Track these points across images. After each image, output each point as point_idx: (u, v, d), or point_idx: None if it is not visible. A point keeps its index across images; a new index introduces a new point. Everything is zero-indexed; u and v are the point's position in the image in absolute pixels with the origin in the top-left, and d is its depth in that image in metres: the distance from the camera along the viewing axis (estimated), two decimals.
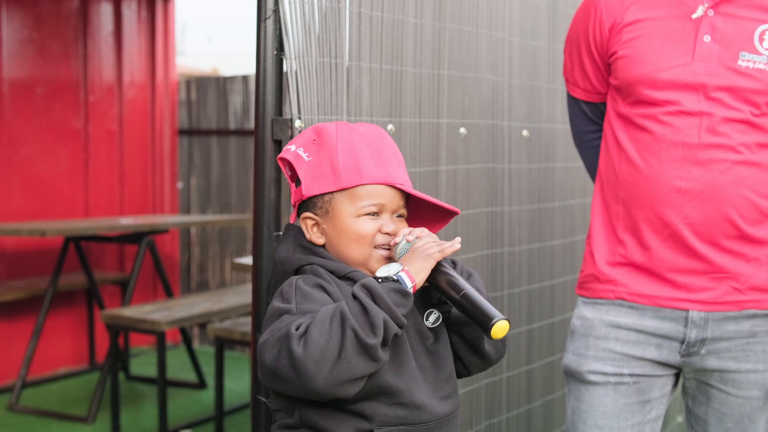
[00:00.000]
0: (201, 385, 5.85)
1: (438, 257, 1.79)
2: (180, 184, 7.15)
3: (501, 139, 2.98)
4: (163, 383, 4.74)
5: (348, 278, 1.87)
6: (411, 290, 1.75)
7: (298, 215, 1.95)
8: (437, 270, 1.82)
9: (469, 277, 1.93)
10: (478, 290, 1.83)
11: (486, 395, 2.96)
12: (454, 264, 1.93)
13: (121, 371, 5.76)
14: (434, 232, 1.96)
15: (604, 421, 2.42)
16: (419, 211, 2.00)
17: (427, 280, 1.82)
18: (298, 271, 1.91)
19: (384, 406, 1.80)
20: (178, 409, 5.37)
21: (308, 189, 1.89)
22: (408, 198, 1.94)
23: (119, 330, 5.02)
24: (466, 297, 1.78)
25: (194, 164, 7.15)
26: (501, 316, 1.75)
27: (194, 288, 7.18)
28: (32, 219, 6.04)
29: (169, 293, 6.00)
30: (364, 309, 1.69)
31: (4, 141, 5.94)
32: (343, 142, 1.88)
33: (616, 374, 2.40)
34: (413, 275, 1.76)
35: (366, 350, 1.67)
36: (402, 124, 2.55)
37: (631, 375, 2.40)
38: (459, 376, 2.03)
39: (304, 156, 1.91)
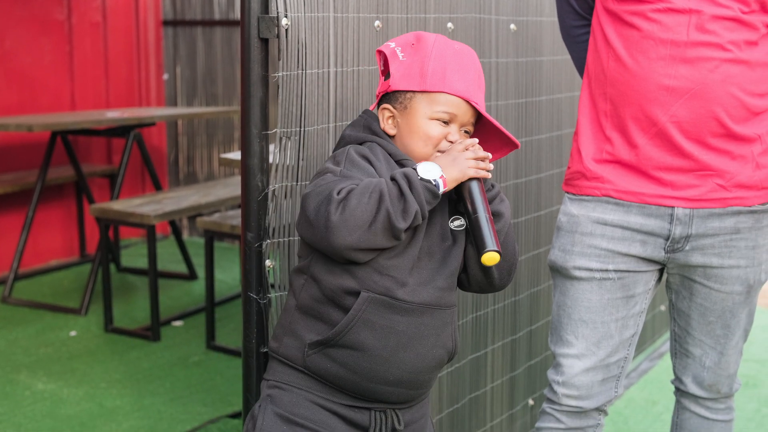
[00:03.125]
0: (191, 276, 5.91)
1: (472, 174, 1.98)
2: (166, 76, 7.09)
3: (488, 33, 2.96)
4: (154, 276, 4.79)
5: (400, 164, 2.03)
6: (441, 194, 1.95)
7: (378, 105, 2.11)
8: (467, 185, 1.99)
9: (502, 202, 2.10)
10: (500, 216, 2.06)
11: None
12: (492, 187, 2.09)
13: (111, 263, 5.81)
14: (497, 158, 2.15)
15: (589, 315, 2.47)
16: (484, 136, 2.13)
17: (456, 190, 2.01)
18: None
19: (375, 274, 1.96)
20: (169, 300, 5.44)
21: (395, 83, 2.06)
22: (478, 119, 2.09)
23: (109, 223, 5.04)
24: (474, 220, 1.97)
25: (179, 55, 7.08)
26: (492, 247, 1.94)
27: (182, 180, 7.18)
28: (18, 113, 6.00)
29: (157, 186, 6.02)
30: (402, 195, 1.89)
31: None
32: (438, 51, 2.05)
33: (601, 270, 2.44)
34: (448, 182, 1.96)
35: (393, 230, 1.89)
36: (389, 19, 2.53)
37: (616, 271, 2.43)
38: (459, 286, 2.15)
39: (400, 55, 2.07)
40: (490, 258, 1.95)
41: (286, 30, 2.21)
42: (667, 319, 4.69)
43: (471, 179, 1.99)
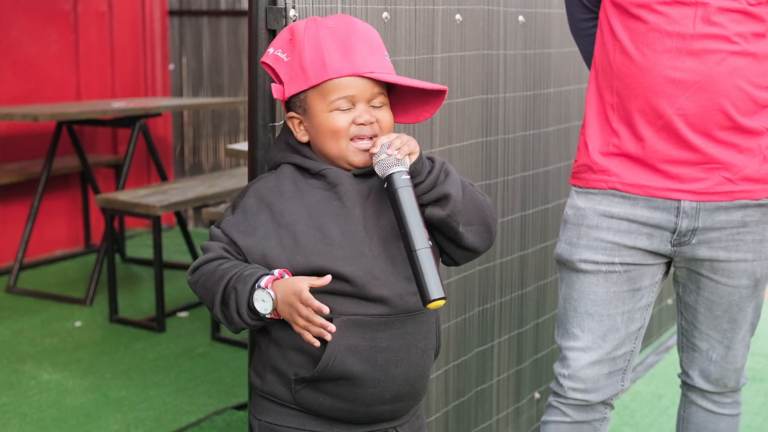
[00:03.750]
0: None
1: (301, 329, 1.82)
2: (171, 66, 7.08)
3: (497, 25, 2.95)
4: (159, 266, 4.79)
5: (321, 175, 1.89)
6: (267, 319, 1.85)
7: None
8: (402, 214, 1.79)
9: (446, 177, 1.89)
10: (447, 198, 1.85)
11: (479, 281, 3.00)
12: (432, 161, 1.90)
13: (116, 253, 5.81)
14: (428, 117, 1.98)
15: (595, 308, 2.46)
16: (407, 97, 1.97)
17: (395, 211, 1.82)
18: (274, 167, 1.97)
19: (346, 299, 1.84)
20: (174, 291, 5.43)
21: (288, 89, 1.90)
22: (391, 86, 1.93)
23: (114, 214, 5.04)
24: (413, 260, 1.78)
25: (185, 46, 7.07)
26: (434, 297, 1.75)
27: (188, 171, 7.18)
28: (23, 103, 6.00)
29: (163, 176, 6.01)
30: (227, 312, 1.86)
31: None
32: (309, 39, 1.87)
33: (607, 263, 2.43)
34: (280, 314, 1.82)
35: (230, 324, 1.89)
36: (397, 11, 2.52)
37: (622, 264, 2.42)
38: (448, 265, 2.04)
39: (283, 57, 1.91)
40: (435, 305, 1.76)
41: (294, 20, 2.20)
42: (673, 312, 4.68)
43: (401, 191, 1.79)
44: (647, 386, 4.13)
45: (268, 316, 1.81)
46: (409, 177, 1.82)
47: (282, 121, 2.23)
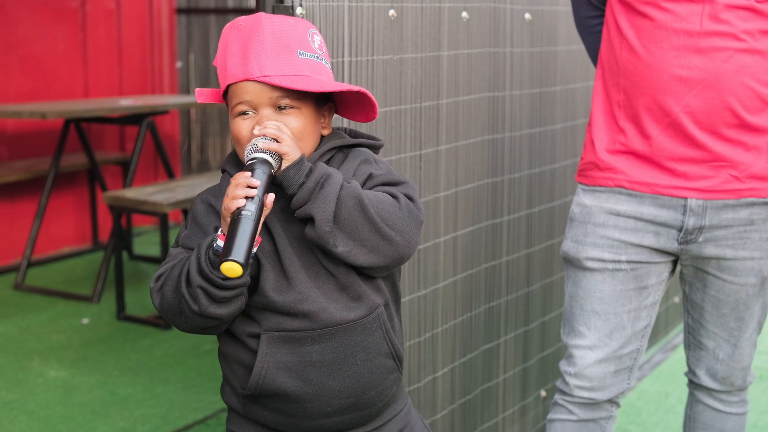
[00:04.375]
0: None
1: (231, 207, 1.64)
2: (179, 64, 7.09)
3: (503, 22, 2.94)
4: None
5: None
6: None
7: None
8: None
9: (320, 191, 1.71)
10: (313, 221, 1.71)
11: (485, 279, 3.00)
12: (309, 173, 1.72)
13: (124, 251, 5.82)
14: (373, 110, 1.84)
15: (601, 306, 2.46)
16: (352, 96, 1.85)
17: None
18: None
19: (272, 314, 1.77)
20: None
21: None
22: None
23: (122, 211, 5.05)
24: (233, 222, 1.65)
25: (193, 43, 7.08)
26: (230, 258, 1.60)
27: (195, 168, 7.19)
28: (31, 100, 6.01)
29: (170, 174, 6.02)
30: (188, 279, 1.71)
31: (1, 21, 5.86)
32: (222, 41, 1.80)
33: (613, 261, 2.43)
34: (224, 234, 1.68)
35: (197, 314, 1.72)
36: (403, 9, 2.52)
37: (628, 262, 2.42)
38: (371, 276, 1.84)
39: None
40: (228, 269, 1.61)
41: (302, 17, 2.20)
42: (680, 310, 4.67)
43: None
44: (654, 384, 4.13)
45: (218, 240, 1.68)
46: (267, 165, 1.69)
47: None
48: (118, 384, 4.09)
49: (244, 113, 1.76)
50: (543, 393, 3.46)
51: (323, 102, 1.84)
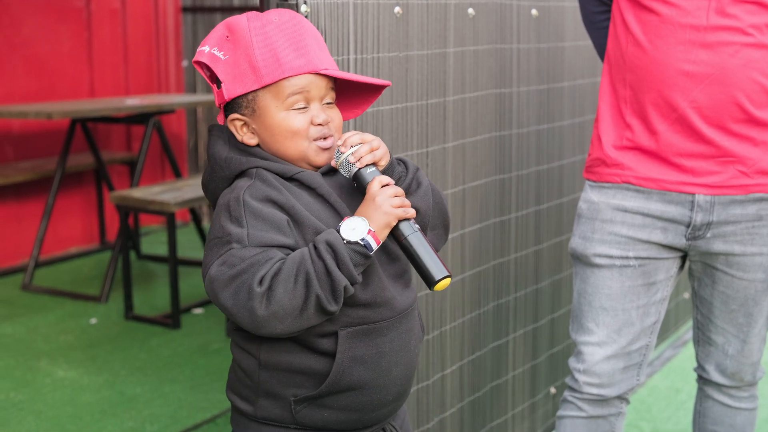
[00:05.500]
0: None
1: (401, 216, 1.71)
2: (185, 63, 7.08)
3: (509, 18, 2.93)
4: (174, 263, 4.79)
5: (295, 179, 1.78)
6: (372, 253, 1.70)
7: (226, 116, 1.84)
8: (398, 231, 1.74)
9: (417, 188, 1.84)
10: (418, 211, 1.80)
11: (494, 276, 2.99)
12: (405, 167, 1.85)
13: (131, 250, 5.82)
14: (365, 108, 1.92)
15: (609, 303, 2.45)
16: (347, 92, 1.90)
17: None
18: (240, 175, 1.80)
19: (351, 309, 1.76)
20: (189, 287, 5.44)
21: (230, 91, 1.78)
22: (335, 81, 1.84)
23: (129, 211, 5.05)
24: (412, 258, 1.73)
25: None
26: (443, 274, 1.70)
27: (202, 167, 7.18)
28: (37, 100, 6.01)
29: (177, 173, 6.01)
30: (329, 274, 1.64)
31: (5, 21, 5.86)
32: (258, 35, 1.76)
33: (621, 257, 2.42)
34: (378, 236, 1.70)
35: (326, 313, 1.68)
36: (409, 5, 2.51)
37: (636, 258, 2.41)
38: None
39: (220, 55, 1.79)
40: (443, 285, 1.72)
41: (307, 15, 2.19)
42: (689, 306, 4.66)
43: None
44: (664, 381, 4.11)
45: (367, 237, 1.68)
46: (375, 169, 1.76)
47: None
48: (127, 384, 4.08)
49: (298, 107, 1.77)
50: (552, 390, 3.45)
51: None
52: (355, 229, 1.68)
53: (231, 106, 1.81)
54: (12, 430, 3.65)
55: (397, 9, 2.46)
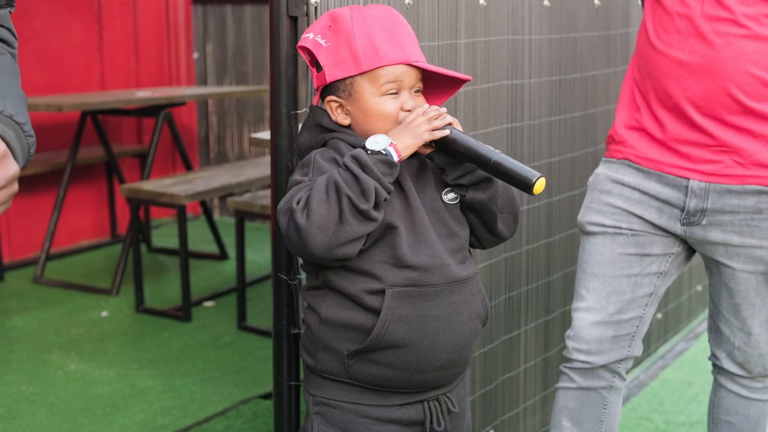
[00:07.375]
0: (222, 256, 5.90)
1: (427, 138, 1.91)
2: (196, 55, 7.07)
3: (521, 9, 2.91)
4: (185, 256, 4.79)
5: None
6: (397, 162, 1.88)
7: (322, 98, 2.03)
8: (452, 145, 1.93)
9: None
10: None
11: (505, 269, 2.98)
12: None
13: (142, 243, 5.81)
14: (446, 99, 2.10)
15: (600, 269, 2.49)
16: (431, 82, 2.07)
17: (452, 156, 1.96)
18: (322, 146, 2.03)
19: (392, 267, 1.93)
20: (200, 280, 5.44)
21: (330, 74, 1.97)
22: (422, 73, 2.02)
23: (140, 203, 5.04)
24: (498, 166, 1.90)
25: (209, 34, 7.05)
26: (535, 177, 1.89)
27: (213, 160, 7.17)
28: (47, 93, 6.01)
29: (188, 166, 6.00)
30: (356, 178, 1.83)
31: (16, 14, 5.85)
32: (359, 27, 1.95)
33: (614, 227, 2.48)
34: (401, 150, 1.89)
35: (361, 213, 1.83)
36: None
37: (629, 229, 2.47)
38: (473, 247, 2.12)
39: (322, 42, 1.98)
40: (540, 186, 1.89)
41: (316, 8, 2.18)
42: (702, 299, 4.64)
43: (450, 134, 1.92)
44: (677, 373, 4.09)
45: (389, 148, 1.87)
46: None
47: (304, 109, 2.21)
48: (138, 377, 4.08)
49: (392, 93, 1.96)
50: None
51: None
52: (378, 142, 1.89)
53: (328, 89, 2.00)
54: (24, 423, 3.65)
55: (407, 0, 2.44)
